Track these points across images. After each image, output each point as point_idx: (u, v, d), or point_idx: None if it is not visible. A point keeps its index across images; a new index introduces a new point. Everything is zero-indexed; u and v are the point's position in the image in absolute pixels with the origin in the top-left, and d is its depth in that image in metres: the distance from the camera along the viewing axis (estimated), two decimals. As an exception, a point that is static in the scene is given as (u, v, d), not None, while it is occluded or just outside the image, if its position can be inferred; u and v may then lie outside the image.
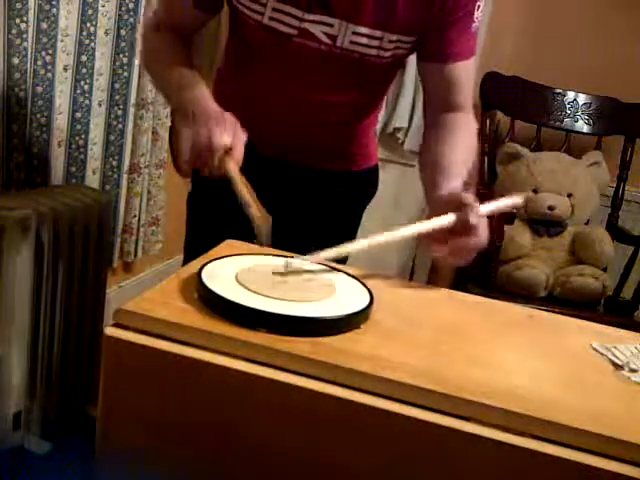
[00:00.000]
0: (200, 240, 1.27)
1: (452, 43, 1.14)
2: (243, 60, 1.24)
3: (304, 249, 1.09)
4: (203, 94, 1.08)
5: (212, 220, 1.35)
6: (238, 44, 1.23)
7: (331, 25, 1.11)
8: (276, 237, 1.19)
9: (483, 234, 0.98)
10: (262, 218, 0.94)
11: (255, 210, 0.94)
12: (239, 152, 0.98)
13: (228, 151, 0.98)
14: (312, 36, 1.12)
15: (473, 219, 0.95)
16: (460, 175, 1.08)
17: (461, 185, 1.06)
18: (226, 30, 1.26)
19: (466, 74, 1.18)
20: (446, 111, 1.18)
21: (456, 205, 0.97)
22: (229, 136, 0.98)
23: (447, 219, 0.98)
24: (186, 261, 1.33)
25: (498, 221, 2.24)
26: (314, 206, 1.34)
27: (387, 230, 1.01)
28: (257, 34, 1.15)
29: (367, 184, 1.40)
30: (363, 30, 1.11)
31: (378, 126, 2.71)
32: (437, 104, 1.20)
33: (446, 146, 1.13)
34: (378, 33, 1.11)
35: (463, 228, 0.97)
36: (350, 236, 1.42)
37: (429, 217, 1.01)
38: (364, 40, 1.12)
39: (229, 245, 1.08)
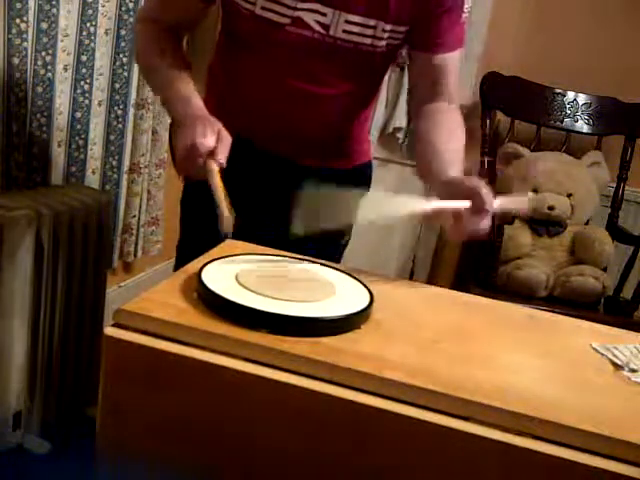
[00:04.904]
0: (193, 241, 1.27)
1: (443, 34, 1.17)
2: (236, 54, 1.24)
3: (297, 244, 1.09)
4: (195, 103, 1.10)
5: (205, 221, 1.35)
6: (230, 37, 1.23)
7: (324, 14, 1.11)
8: (269, 232, 1.19)
9: (488, 222, 0.99)
10: (228, 218, 0.95)
11: (224, 208, 0.96)
12: (222, 154, 1.00)
13: (212, 153, 0.99)
14: (305, 25, 1.12)
15: (489, 206, 0.97)
16: (459, 161, 1.11)
17: (462, 171, 1.08)
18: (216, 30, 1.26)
19: (454, 65, 1.21)
20: (433, 100, 1.20)
21: (469, 191, 0.98)
22: (212, 138, 1.00)
23: (464, 204, 0.98)
24: (178, 261, 1.33)
25: (498, 221, 2.23)
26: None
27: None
28: (250, 24, 1.14)
29: (361, 180, 1.40)
30: (356, 19, 1.12)
31: (378, 126, 2.71)
32: (423, 93, 1.22)
33: (440, 136, 1.15)
34: (372, 22, 1.12)
35: (476, 212, 0.98)
36: (344, 234, 1.42)
37: (439, 198, 1.02)
38: (357, 29, 1.13)
39: (229, 245, 1.08)
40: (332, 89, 1.22)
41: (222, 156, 1.00)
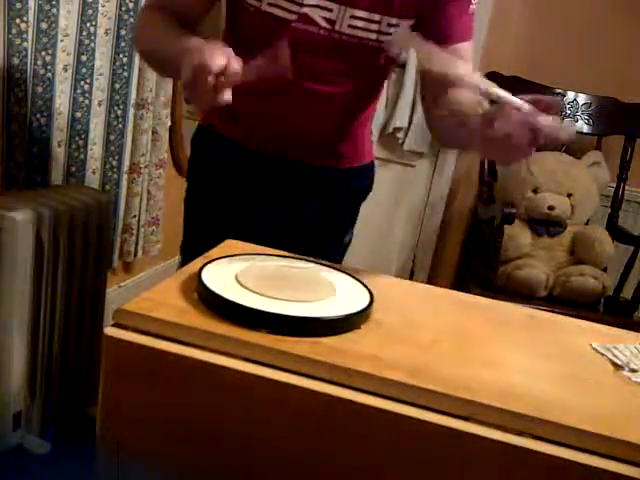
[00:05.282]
0: (198, 240, 1.27)
1: (452, 25, 1.16)
2: (240, 50, 1.23)
3: (297, 247, 1.09)
4: (196, 38, 1.03)
5: (209, 220, 1.35)
6: (234, 36, 1.23)
7: (330, 10, 1.12)
8: (269, 234, 1.19)
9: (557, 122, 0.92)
10: None
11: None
12: (235, 71, 0.93)
13: (224, 72, 0.92)
14: (311, 21, 1.13)
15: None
16: None
17: None
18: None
19: (467, 54, 1.18)
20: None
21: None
22: (222, 57, 0.93)
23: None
24: (184, 262, 1.33)
25: (498, 221, 2.24)
26: (309, 203, 1.34)
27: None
28: (255, 21, 1.14)
29: (364, 180, 1.40)
30: (361, 14, 1.12)
31: (378, 126, 2.71)
32: (440, 85, 1.17)
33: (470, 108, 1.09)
34: (377, 17, 1.12)
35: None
36: (345, 235, 1.42)
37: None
38: (362, 24, 1.13)
39: (229, 245, 1.08)
40: (336, 87, 1.21)
41: (235, 73, 0.93)
